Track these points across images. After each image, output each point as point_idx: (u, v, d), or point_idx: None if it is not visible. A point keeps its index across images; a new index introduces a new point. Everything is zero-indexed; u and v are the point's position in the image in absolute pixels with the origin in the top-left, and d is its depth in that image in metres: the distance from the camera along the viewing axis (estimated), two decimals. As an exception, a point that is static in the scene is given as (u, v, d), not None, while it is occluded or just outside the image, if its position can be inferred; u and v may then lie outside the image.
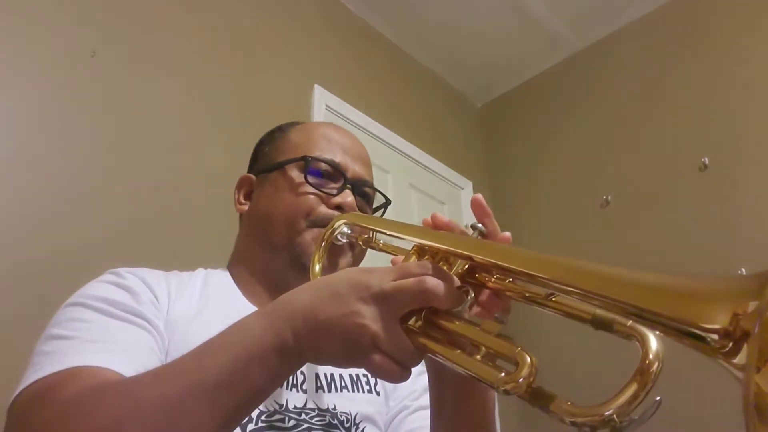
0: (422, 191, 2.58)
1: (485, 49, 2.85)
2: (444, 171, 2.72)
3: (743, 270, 2.01)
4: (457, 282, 0.50)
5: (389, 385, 0.83)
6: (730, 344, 0.34)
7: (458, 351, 0.46)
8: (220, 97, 1.87)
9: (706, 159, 2.22)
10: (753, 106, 2.19)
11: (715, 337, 0.35)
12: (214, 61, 1.91)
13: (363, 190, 0.88)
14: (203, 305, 0.75)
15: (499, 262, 0.49)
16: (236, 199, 0.91)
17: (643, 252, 2.28)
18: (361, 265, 0.83)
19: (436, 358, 0.47)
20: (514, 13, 2.65)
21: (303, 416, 0.69)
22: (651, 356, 0.39)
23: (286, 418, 0.68)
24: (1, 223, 1.32)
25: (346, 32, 2.53)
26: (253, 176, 0.91)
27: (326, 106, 2.23)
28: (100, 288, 0.68)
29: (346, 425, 0.73)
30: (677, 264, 2.18)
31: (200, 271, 0.83)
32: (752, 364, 0.31)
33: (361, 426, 0.75)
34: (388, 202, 0.94)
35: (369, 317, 0.46)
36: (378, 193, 0.92)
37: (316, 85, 2.23)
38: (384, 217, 0.93)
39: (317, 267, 0.73)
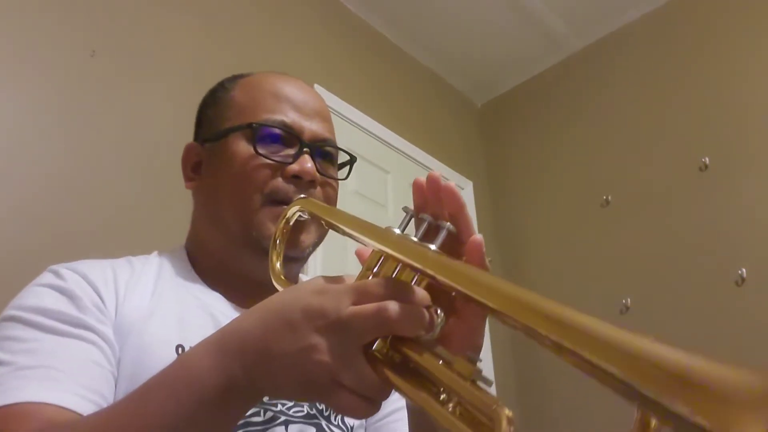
0: (422, 191, 2.57)
1: (485, 49, 2.84)
2: (444, 171, 2.72)
3: (744, 270, 2.01)
4: (427, 299, 0.43)
5: None
6: None
7: (427, 395, 0.40)
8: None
9: (706, 159, 2.22)
10: (753, 106, 2.19)
11: None
12: (214, 61, 1.90)
13: (324, 150, 0.78)
14: (158, 301, 0.68)
15: (470, 294, 0.40)
16: (183, 173, 0.81)
17: (643, 252, 2.28)
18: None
19: (404, 397, 0.42)
20: (514, 13, 2.65)
21: (280, 407, 0.65)
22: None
23: (262, 411, 0.64)
24: (0, 222, 1.32)
25: (346, 32, 2.53)
26: (199, 145, 0.80)
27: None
28: (37, 295, 0.62)
29: (325, 414, 0.68)
30: (677, 264, 2.18)
31: (154, 257, 0.77)
32: None
33: (340, 414, 0.70)
34: (353, 159, 0.85)
35: (326, 351, 0.40)
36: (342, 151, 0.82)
37: (316, 85, 2.22)
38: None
39: (278, 266, 0.65)
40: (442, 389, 0.40)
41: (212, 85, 0.87)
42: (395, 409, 0.74)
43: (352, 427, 0.71)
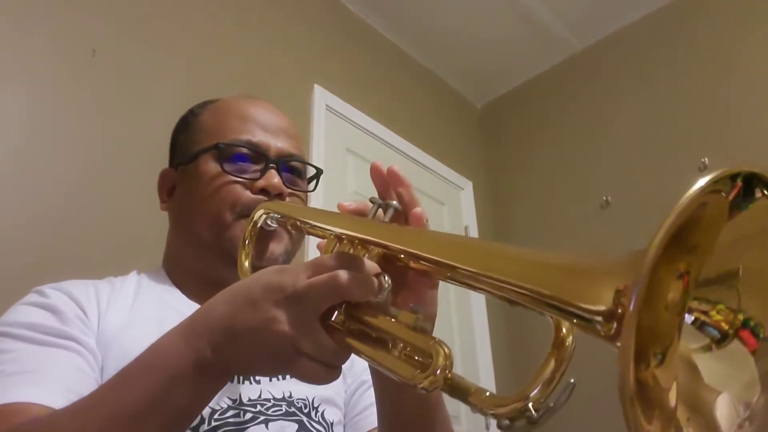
0: (422, 191, 2.57)
1: (485, 50, 2.85)
2: (444, 171, 2.72)
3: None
4: (375, 269, 0.48)
5: (346, 363, 0.80)
6: (614, 326, 0.29)
7: (378, 348, 0.45)
8: (220, 97, 1.87)
9: (706, 159, 2.22)
10: (753, 106, 2.19)
11: (600, 318, 0.30)
12: (214, 61, 1.91)
13: (291, 166, 0.81)
14: (138, 311, 0.72)
15: (407, 249, 0.48)
16: (159, 196, 0.85)
17: (643, 252, 2.28)
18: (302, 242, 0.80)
19: (360, 357, 0.46)
20: (514, 14, 2.65)
21: (259, 408, 0.67)
22: (564, 330, 0.38)
23: (241, 413, 0.66)
24: (1, 221, 1.32)
25: (346, 32, 2.53)
26: (173, 170, 0.85)
27: (326, 106, 2.23)
28: (22, 312, 0.65)
29: (305, 411, 0.71)
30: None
31: (133, 275, 0.80)
32: (628, 349, 0.26)
33: (320, 409, 0.73)
34: (319, 171, 0.89)
35: (285, 322, 0.44)
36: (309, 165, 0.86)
37: (316, 85, 2.23)
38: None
39: (246, 264, 0.70)
40: (390, 344, 0.45)
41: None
42: (371, 403, 0.76)
43: (332, 423, 0.73)
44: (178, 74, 1.79)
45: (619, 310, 0.29)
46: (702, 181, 0.28)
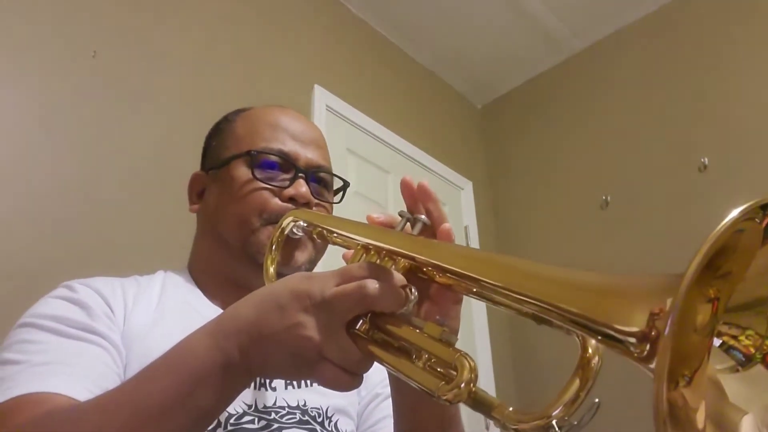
0: (422, 191, 2.57)
1: (486, 50, 2.85)
2: (444, 171, 2.72)
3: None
4: (402, 280, 0.48)
5: None
6: (647, 347, 0.30)
7: (402, 358, 0.45)
8: (220, 97, 1.87)
9: (706, 159, 2.22)
10: (753, 106, 2.19)
11: (633, 340, 0.31)
12: (214, 61, 1.91)
13: (319, 176, 0.83)
14: (162, 311, 0.73)
15: (436, 262, 0.49)
16: (189, 198, 0.87)
17: (643, 252, 2.28)
18: (325, 254, 0.82)
19: (383, 366, 0.46)
20: (514, 14, 2.66)
21: (273, 416, 0.68)
22: (590, 350, 0.38)
23: (256, 419, 0.66)
24: (3, 221, 1.32)
25: (346, 32, 2.53)
26: (204, 174, 0.86)
27: (326, 106, 2.23)
28: (50, 305, 0.66)
29: (319, 420, 0.71)
30: (678, 264, 2.18)
31: (159, 274, 0.81)
32: (663, 371, 0.27)
33: (334, 419, 0.73)
34: (346, 184, 0.90)
35: (312, 328, 0.45)
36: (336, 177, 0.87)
37: (316, 85, 2.23)
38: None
39: (271, 269, 0.71)
40: (415, 355, 0.45)
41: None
42: (384, 416, 0.77)
43: None
44: (178, 75, 1.79)
45: (653, 333, 0.30)
46: (736, 211, 0.29)
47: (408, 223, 0.56)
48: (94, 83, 1.58)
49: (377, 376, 0.79)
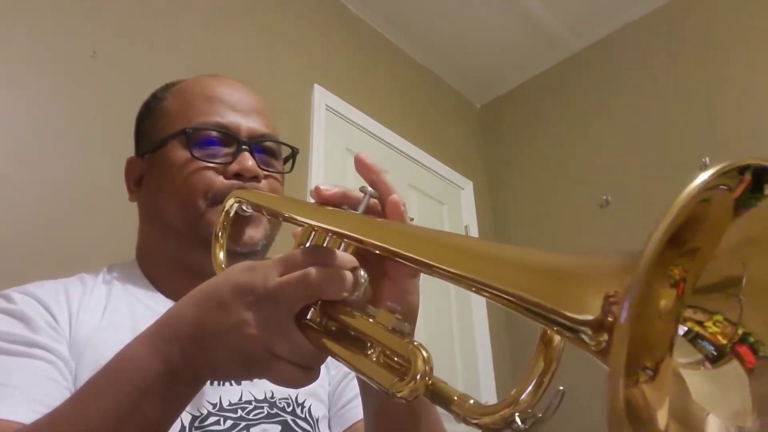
0: (422, 191, 2.58)
1: (485, 50, 2.85)
2: (444, 171, 2.72)
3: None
4: (352, 262, 0.44)
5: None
6: (605, 338, 0.25)
7: (355, 351, 0.42)
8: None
9: (706, 159, 2.22)
10: (754, 106, 2.19)
11: (587, 329, 0.26)
12: (214, 61, 1.91)
13: (264, 146, 0.77)
14: (111, 313, 0.68)
15: (381, 244, 0.44)
16: (127, 187, 0.81)
17: (643, 252, 2.28)
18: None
19: (337, 360, 0.42)
20: (513, 14, 2.65)
21: (240, 413, 0.64)
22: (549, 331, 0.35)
23: (222, 419, 0.63)
24: (1, 224, 1.32)
25: (346, 32, 2.53)
26: (139, 159, 0.80)
27: (326, 106, 2.23)
28: None
29: (289, 410, 0.68)
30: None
31: (105, 271, 0.76)
32: (617, 365, 0.23)
33: (306, 405, 0.70)
34: (295, 151, 0.83)
35: (258, 325, 0.41)
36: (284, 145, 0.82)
37: (316, 85, 2.23)
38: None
39: (220, 256, 0.65)
40: (369, 345, 0.42)
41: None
42: (354, 395, 0.74)
43: (317, 419, 0.71)
44: (177, 75, 1.78)
45: (609, 320, 0.25)
46: (706, 174, 0.24)
47: (373, 199, 0.52)
48: (93, 84, 1.58)
49: None
